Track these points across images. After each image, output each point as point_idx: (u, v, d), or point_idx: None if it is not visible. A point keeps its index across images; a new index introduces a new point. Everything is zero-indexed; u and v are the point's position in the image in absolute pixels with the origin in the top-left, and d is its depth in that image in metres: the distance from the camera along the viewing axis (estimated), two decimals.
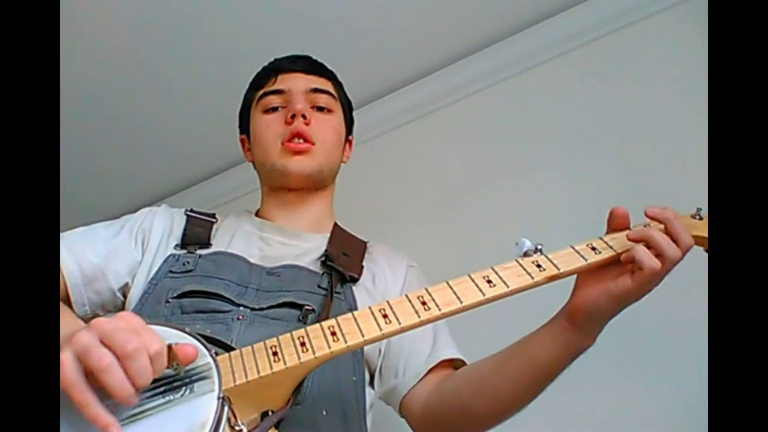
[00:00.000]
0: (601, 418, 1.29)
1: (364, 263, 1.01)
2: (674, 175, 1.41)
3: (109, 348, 0.57)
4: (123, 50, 1.70)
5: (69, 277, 0.92)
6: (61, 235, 0.95)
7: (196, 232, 1.00)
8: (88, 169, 2.11)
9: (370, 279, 1.00)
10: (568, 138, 1.60)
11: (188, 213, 1.04)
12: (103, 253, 0.96)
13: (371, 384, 0.96)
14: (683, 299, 1.13)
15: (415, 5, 1.63)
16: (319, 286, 0.93)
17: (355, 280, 0.97)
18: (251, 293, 0.90)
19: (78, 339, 0.58)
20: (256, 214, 1.11)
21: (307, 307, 0.88)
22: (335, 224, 1.09)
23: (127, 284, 0.96)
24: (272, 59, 1.15)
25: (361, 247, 1.05)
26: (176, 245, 0.98)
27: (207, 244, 0.99)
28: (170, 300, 0.88)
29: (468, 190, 1.71)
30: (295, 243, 1.02)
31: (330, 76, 1.14)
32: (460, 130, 1.80)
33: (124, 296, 0.96)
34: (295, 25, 1.62)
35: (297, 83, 1.07)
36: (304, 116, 1.03)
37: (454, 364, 0.96)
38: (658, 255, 0.69)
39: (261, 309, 0.88)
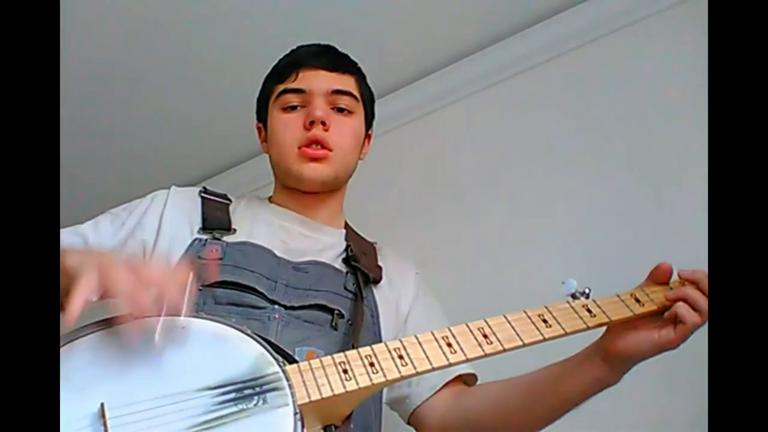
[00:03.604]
0: (601, 419, 1.29)
1: (380, 264, 1.01)
2: (674, 174, 1.41)
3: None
4: (131, 40, 1.71)
5: None
6: (75, 228, 0.94)
7: (217, 216, 0.97)
8: (101, 157, 2.12)
9: (387, 282, 1.00)
10: (567, 138, 1.59)
11: (203, 194, 1.01)
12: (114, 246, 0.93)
13: None
14: None
15: (416, 5, 1.63)
16: (345, 288, 0.93)
17: (376, 282, 0.98)
18: (281, 289, 0.89)
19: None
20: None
21: (337, 312, 0.88)
22: (346, 223, 1.08)
23: None
24: (295, 46, 1.08)
25: (372, 248, 1.05)
26: (199, 229, 0.94)
27: (229, 229, 0.96)
28: (201, 288, 0.85)
29: (465, 191, 1.71)
30: (316, 236, 1.01)
31: (354, 70, 1.08)
32: (459, 131, 1.80)
33: None
34: (296, 25, 1.62)
35: (319, 83, 1.01)
36: (323, 122, 0.98)
37: (464, 378, 0.96)
38: (696, 310, 0.77)
39: (293, 308, 0.87)
